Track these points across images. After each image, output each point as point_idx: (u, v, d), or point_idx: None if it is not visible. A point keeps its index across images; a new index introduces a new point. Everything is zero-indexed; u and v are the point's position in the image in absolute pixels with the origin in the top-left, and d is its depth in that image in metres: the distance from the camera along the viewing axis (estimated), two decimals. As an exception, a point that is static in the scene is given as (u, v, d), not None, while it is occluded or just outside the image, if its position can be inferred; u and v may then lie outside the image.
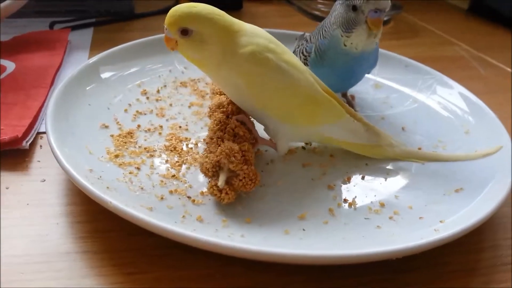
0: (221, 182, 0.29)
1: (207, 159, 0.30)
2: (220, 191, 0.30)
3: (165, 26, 0.32)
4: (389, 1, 0.36)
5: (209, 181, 0.31)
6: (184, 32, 0.31)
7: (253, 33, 0.33)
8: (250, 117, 0.35)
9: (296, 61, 0.34)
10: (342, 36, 0.37)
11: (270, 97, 0.33)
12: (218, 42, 0.32)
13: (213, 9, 0.32)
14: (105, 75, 0.43)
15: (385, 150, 0.37)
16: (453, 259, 0.29)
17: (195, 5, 0.32)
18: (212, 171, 0.30)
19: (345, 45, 0.37)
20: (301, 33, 0.46)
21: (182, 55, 0.33)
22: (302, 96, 0.33)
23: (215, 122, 0.34)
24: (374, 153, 0.37)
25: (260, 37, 0.33)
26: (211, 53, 0.32)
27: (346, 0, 0.37)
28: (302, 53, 0.41)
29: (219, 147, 0.31)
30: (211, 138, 0.33)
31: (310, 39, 0.41)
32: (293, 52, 0.43)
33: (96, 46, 0.56)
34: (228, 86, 0.34)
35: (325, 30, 0.39)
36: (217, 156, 0.30)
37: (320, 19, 0.70)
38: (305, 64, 0.40)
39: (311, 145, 0.38)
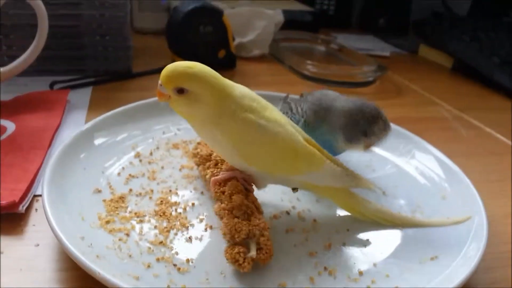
0: (253, 252, 0.31)
1: (240, 225, 0.32)
2: (244, 259, 0.31)
3: (160, 82, 0.33)
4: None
5: (229, 246, 0.32)
6: (180, 91, 0.33)
7: (241, 97, 0.35)
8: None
9: (277, 115, 0.36)
10: (342, 141, 0.40)
11: (253, 153, 0.35)
12: (209, 102, 0.33)
13: (209, 70, 0.34)
14: (99, 140, 0.45)
15: (363, 206, 0.39)
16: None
17: (193, 66, 0.33)
18: (243, 238, 0.32)
19: (339, 144, 0.40)
20: (284, 94, 0.48)
21: (172, 108, 0.35)
22: (281, 149, 0.35)
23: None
24: (351, 207, 0.39)
25: (246, 98, 0.35)
26: (200, 111, 0.34)
27: (360, 119, 0.39)
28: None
29: (252, 218, 0.33)
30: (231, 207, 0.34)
31: (297, 109, 0.43)
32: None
33: (94, 106, 0.58)
34: (212, 141, 0.36)
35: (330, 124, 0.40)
36: (250, 226, 0.32)
37: (309, 78, 0.73)
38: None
39: (297, 190, 0.39)
